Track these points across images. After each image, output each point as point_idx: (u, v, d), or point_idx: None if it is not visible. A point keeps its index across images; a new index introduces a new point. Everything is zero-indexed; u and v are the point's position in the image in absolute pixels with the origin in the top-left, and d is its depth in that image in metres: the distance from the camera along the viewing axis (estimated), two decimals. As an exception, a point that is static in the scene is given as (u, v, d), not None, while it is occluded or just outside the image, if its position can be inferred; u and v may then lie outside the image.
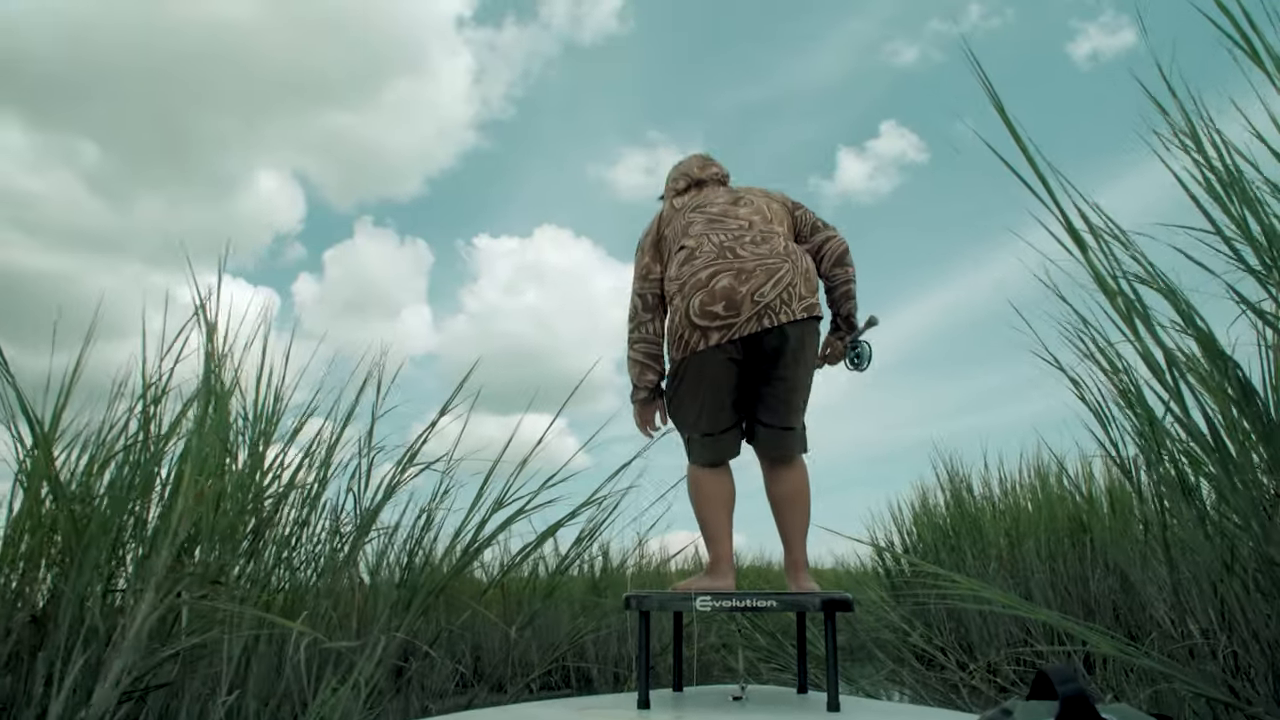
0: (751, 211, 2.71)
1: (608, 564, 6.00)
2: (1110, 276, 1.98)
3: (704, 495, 2.67)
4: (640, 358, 2.76)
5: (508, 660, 3.83)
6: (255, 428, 3.04)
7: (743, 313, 2.49)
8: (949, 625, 5.28)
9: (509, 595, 4.42)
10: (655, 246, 2.81)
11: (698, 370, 2.57)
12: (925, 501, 6.71)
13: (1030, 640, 4.41)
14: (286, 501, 2.88)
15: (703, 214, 2.72)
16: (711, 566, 2.64)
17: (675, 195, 2.94)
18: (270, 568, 2.66)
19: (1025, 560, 4.84)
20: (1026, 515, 5.27)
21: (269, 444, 3.01)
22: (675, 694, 2.59)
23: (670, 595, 2.41)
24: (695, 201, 2.79)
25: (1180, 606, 2.42)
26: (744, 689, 2.58)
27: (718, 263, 2.55)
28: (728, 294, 2.50)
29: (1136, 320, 1.94)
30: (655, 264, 2.79)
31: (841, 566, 9.30)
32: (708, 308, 2.52)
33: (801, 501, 2.66)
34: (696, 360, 2.56)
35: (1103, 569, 4.36)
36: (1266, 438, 1.85)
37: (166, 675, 2.07)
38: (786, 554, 2.67)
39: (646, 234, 2.87)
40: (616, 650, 5.42)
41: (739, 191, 2.82)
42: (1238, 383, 1.84)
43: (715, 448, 2.66)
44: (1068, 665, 1.76)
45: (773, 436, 2.66)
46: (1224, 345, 1.95)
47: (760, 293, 2.50)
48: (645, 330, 2.75)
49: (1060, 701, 1.09)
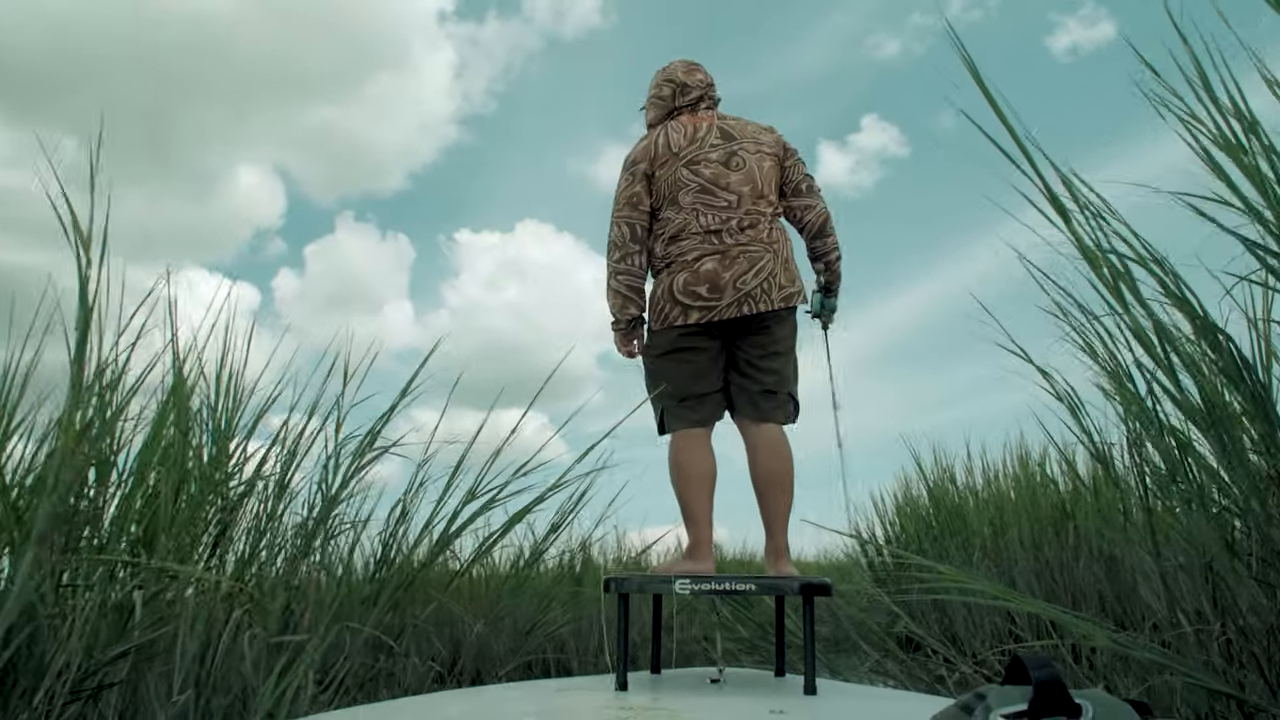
0: (742, 179, 2.69)
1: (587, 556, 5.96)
2: (1095, 247, 1.90)
3: (684, 471, 2.65)
4: (624, 290, 2.77)
5: (478, 654, 3.74)
6: (217, 417, 2.94)
7: (724, 297, 2.59)
8: (933, 616, 5.23)
9: (489, 588, 4.33)
10: (646, 179, 2.78)
11: (676, 343, 2.67)
12: (909, 492, 6.69)
13: (1016, 631, 4.37)
14: (252, 493, 2.79)
15: (696, 177, 2.70)
16: (691, 549, 2.64)
17: (664, 109, 2.90)
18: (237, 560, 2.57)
19: (1009, 549, 4.79)
20: (1010, 503, 5.23)
21: (231, 434, 2.91)
22: (654, 676, 2.61)
23: (649, 578, 2.42)
24: (690, 152, 2.73)
25: (1169, 594, 2.36)
26: (722, 672, 2.59)
27: (703, 246, 2.62)
28: (711, 277, 2.59)
29: (1124, 289, 1.87)
30: (646, 195, 2.77)
31: (825, 558, 9.25)
32: (691, 287, 2.61)
33: (784, 484, 2.65)
34: (673, 334, 2.66)
35: (1087, 556, 4.32)
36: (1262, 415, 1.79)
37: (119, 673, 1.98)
38: (768, 539, 2.68)
39: (637, 160, 2.81)
40: (597, 642, 5.35)
41: (733, 142, 2.75)
42: (1232, 357, 1.79)
43: (698, 409, 2.68)
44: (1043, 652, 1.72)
45: (749, 398, 2.68)
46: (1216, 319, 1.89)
47: (743, 279, 2.59)
48: (630, 262, 2.76)
49: (1034, 686, 1.09)
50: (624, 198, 2.78)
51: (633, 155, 2.83)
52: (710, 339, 2.67)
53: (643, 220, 2.76)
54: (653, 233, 2.77)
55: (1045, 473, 5.17)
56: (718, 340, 2.68)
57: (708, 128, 2.77)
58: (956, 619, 4.83)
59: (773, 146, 2.81)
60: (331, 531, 2.79)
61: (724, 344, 2.70)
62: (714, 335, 2.67)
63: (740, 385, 2.70)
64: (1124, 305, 1.90)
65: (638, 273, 2.78)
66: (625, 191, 2.78)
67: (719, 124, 2.79)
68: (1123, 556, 3.71)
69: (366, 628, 2.38)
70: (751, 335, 2.66)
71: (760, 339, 2.66)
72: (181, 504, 2.23)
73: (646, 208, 2.77)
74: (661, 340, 2.71)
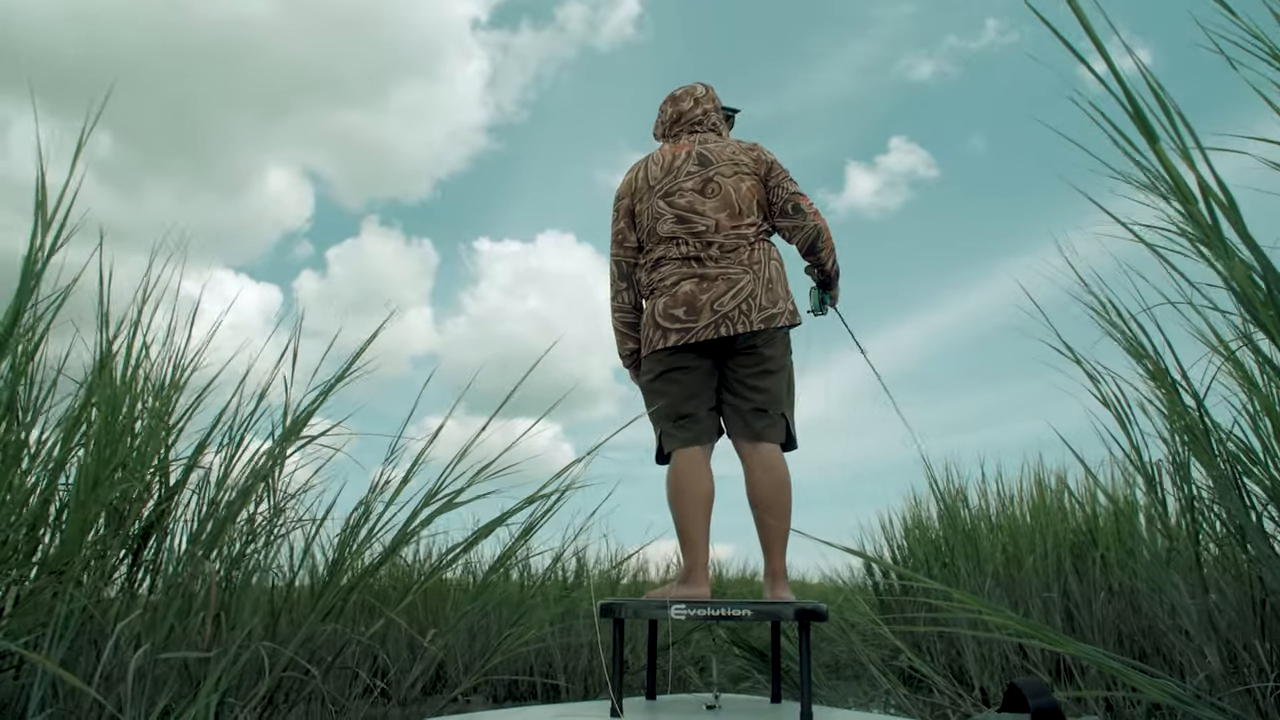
0: (718, 205, 2.72)
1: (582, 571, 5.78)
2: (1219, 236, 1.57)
3: (682, 493, 2.63)
4: (620, 327, 2.91)
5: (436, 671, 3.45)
6: (160, 401, 2.66)
7: (701, 319, 2.63)
8: (940, 647, 4.92)
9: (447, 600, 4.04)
10: (629, 215, 2.89)
11: (660, 366, 2.70)
12: (918, 515, 6.38)
13: (1029, 666, 4.04)
14: (183, 487, 2.51)
15: (671, 207, 2.75)
16: (686, 574, 2.62)
17: (663, 134, 3.01)
18: (135, 564, 2.27)
19: (1025, 580, 4.46)
20: (1026, 529, 4.91)
21: (170, 417, 2.63)
22: (649, 702, 2.62)
23: (645, 603, 2.40)
24: (666, 184, 2.79)
25: (1212, 633, 2.05)
26: (718, 698, 2.56)
27: (682, 270, 2.69)
28: (689, 299, 2.65)
29: (1256, 279, 1.55)
30: (630, 231, 2.88)
31: (830, 581, 8.94)
32: (670, 310, 2.67)
33: (781, 506, 2.63)
34: (657, 358, 2.71)
35: (1106, 590, 4.01)
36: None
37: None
38: (766, 562, 2.68)
39: (620, 196, 2.92)
40: (588, 662, 5.11)
41: (710, 167, 2.78)
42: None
43: (690, 427, 2.68)
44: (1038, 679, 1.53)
45: (741, 416, 2.67)
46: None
47: (720, 302, 2.64)
48: (622, 299, 2.90)
49: (1032, 715, 1.07)
50: (612, 234, 2.92)
51: (618, 190, 2.94)
52: (700, 357, 2.69)
53: (629, 257, 2.88)
54: (641, 263, 2.85)
55: (1063, 500, 4.84)
56: (708, 359, 2.71)
57: (685, 155, 2.83)
58: (966, 652, 4.51)
59: (752, 165, 2.81)
60: (259, 531, 2.50)
61: (715, 364, 2.73)
62: (703, 354, 2.69)
63: (732, 404, 2.71)
64: (1254, 293, 1.57)
65: (629, 309, 2.90)
66: (613, 228, 2.92)
67: (699, 149, 2.84)
68: (1150, 591, 3.41)
69: (288, 647, 2.08)
70: (739, 355, 2.69)
71: (748, 359, 2.68)
72: (81, 493, 1.95)
73: (632, 244, 2.88)
74: (652, 364, 2.74)
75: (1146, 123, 1.52)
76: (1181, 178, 1.52)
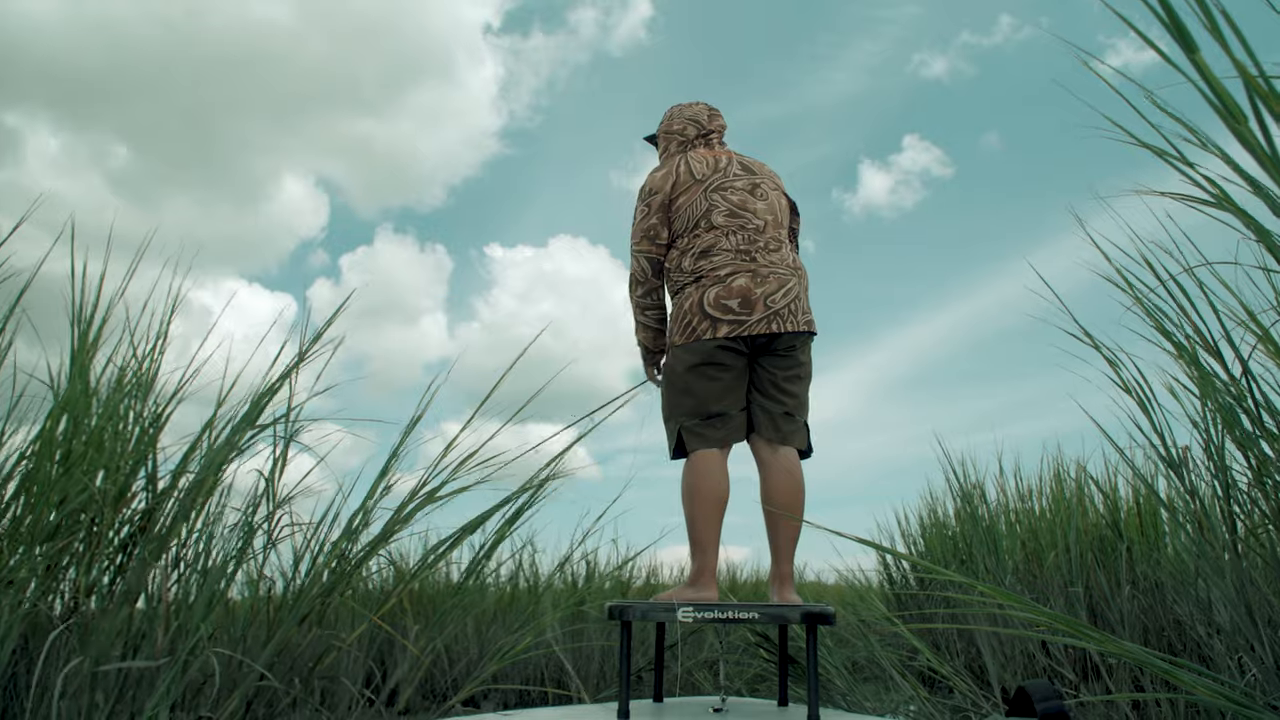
0: (767, 208, 2.77)
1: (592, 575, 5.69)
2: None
3: (700, 495, 2.59)
4: (653, 324, 2.90)
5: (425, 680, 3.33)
6: (139, 408, 2.56)
7: (755, 313, 2.60)
8: (959, 646, 4.78)
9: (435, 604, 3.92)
10: (664, 209, 2.82)
11: (698, 358, 2.63)
12: (935, 512, 6.26)
13: (1053, 665, 3.90)
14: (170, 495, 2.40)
15: (724, 200, 2.75)
16: (695, 577, 2.60)
17: (682, 145, 2.98)
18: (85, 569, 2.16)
19: (1046, 576, 4.33)
20: (1046, 523, 4.77)
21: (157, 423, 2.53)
22: (656, 704, 2.61)
23: (652, 605, 2.38)
24: (716, 180, 2.79)
25: (1258, 629, 1.91)
26: (724, 700, 2.56)
27: (735, 262, 2.66)
28: (744, 292, 2.61)
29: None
30: (663, 228, 2.83)
31: (845, 581, 8.81)
32: (723, 301, 2.61)
33: (797, 510, 2.61)
34: (700, 348, 2.63)
35: (1131, 583, 3.87)
36: None
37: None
38: (773, 565, 2.67)
39: (654, 190, 2.85)
40: (600, 667, 5.01)
41: (755, 174, 2.84)
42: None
43: (721, 427, 2.64)
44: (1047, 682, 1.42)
45: (772, 419, 2.66)
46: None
47: (773, 298, 2.62)
48: (655, 297, 2.88)
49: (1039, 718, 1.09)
50: (641, 229, 2.85)
51: (650, 185, 2.88)
52: (738, 355, 2.66)
53: (660, 253, 2.84)
54: (678, 249, 2.79)
55: (1083, 492, 4.70)
56: (745, 358, 2.68)
57: (727, 160, 2.86)
58: (985, 651, 4.37)
59: (784, 193, 2.92)
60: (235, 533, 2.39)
61: (749, 363, 2.70)
62: (741, 352, 2.66)
63: (763, 406, 2.69)
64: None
65: (661, 304, 2.89)
66: (642, 224, 2.85)
67: (737, 158, 2.88)
68: (1178, 584, 3.27)
69: (261, 654, 1.97)
70: (777, 356, 2.67)
71: (785, 360, 2.68)
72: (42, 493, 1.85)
73: (663, 240, 2.83)
74: (688, 355, 2.67)
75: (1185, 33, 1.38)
76: (1228, 94, 1.38)
